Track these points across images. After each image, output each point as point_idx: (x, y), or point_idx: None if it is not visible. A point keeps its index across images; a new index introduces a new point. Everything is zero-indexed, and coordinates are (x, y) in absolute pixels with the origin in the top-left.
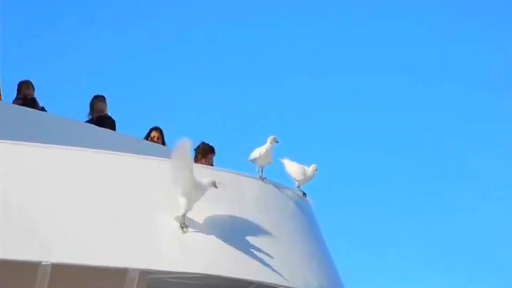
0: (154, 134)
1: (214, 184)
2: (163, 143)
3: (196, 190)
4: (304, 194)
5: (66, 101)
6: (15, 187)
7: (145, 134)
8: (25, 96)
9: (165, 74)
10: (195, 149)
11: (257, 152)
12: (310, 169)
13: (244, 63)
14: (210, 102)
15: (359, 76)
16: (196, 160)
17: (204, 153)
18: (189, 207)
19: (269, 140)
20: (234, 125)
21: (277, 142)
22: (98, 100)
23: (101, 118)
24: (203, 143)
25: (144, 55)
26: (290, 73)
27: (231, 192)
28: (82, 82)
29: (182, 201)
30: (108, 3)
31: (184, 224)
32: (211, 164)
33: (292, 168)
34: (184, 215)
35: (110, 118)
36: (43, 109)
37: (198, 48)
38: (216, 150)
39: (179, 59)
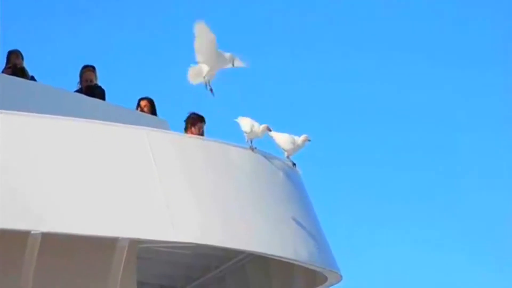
0: (143, 103)
1: (235, 62)
2: (154, 114)
3: (217, 58)
4: (294, 164)
5: (57, 71)
6: (3, 157)
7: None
8: (15, 65)
9: (159, 42)
10: (184, 120)
11: (248, 126)
12: (300, 139)
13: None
14: None
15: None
16: (186, 130)
17: (194, 122)
18: (211, 72)
19: (264, 126)
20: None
21: (270, 130)
22: (87, 70)
23: (90, 88)
24: (192, 113)
25: (138, 22)
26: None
27: (220, 161)
28: (73, 51)
29: (204, 66)
30: None
31: (210, 86)
32: (202, 133)
33: (281, 138)
34: (209, 81)
35: (99, 87)
36: (32, 78)
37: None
38: (206, 120)
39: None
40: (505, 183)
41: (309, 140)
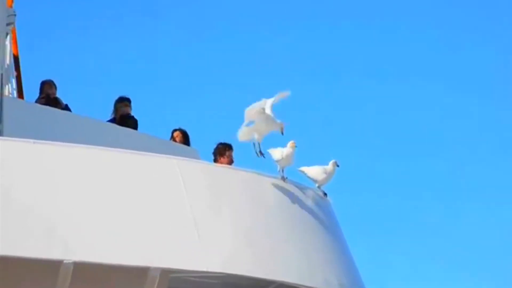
0: (176, 134)
1: (281, 129)
2: (187, 144)
3: (267, 124)
4: (325, 194)
5: (90, 101)
6: (37, 187)
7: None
8: (48, 95)
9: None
10: (213, 152)
11: (278, 154)
12: (329, 166)
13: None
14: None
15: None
16: (216, 161)
17: (221, 152)
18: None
19: (289, 144)
20: None
21: (296, 147)
22: (123, 104)
23: (123, 118)
24: (219, 143)
25: (167, 56)
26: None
27: (251, 190)
28: (105, 82)
29: (254, 133)
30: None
31: (260, 152)
32: (231, 161)
33: (313, 170)
34: (258, 144)
35: (132, 118)
36: (66, 106)
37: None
38: (233, 147)
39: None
40: None
41: (337, 166)
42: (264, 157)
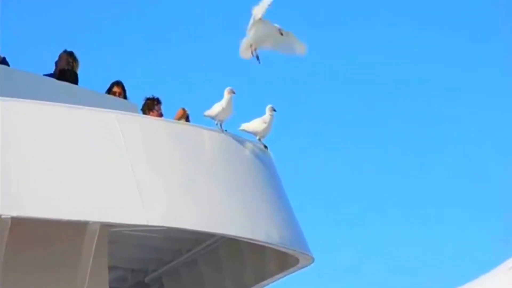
0: (115, 89)
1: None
2: (125, 98)
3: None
4: (266, 146)
5: (32, 56)
6: None
7: (106, 88)
8: None
9: (131, 27)
10: (141, 108)
11: (218, 107)
12: (266, 114)
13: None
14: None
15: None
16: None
17: (150, 106)
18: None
19: (226, 91)
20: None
21: (234, 93)
22: (64, 55)
23: (63, 72)
24: (146, 98)
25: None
26: None
27: (191, 144)
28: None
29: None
30: None
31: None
32: (161, 114)
33: (252, 124)
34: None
35: (72, 71)
36: (4, 60)
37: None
38: (162, 100)
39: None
40: None
41: (274, 110)
42: (259, 63)
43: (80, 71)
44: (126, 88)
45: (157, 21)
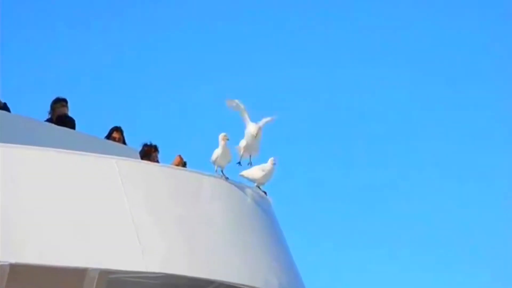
0: (115, 135)
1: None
2: (124, 143)
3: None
4: (265, 192)
5: (29, 100)
6: None
7: (106, 134)
8: None
9: (126, 74)
10: (139, 154)
11: (215, 154)
12: (268, 163)
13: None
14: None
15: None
16: None
17: (147, 153)
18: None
19: (220, 138)
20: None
21: (227, 139)
22: (60, 105)
23: (60, 118)
24: (144, 144)
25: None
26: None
27: (190, 190)
28: (46, 82)
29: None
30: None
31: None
32: (157, 162)
33: (251, 170)
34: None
35: (70, 118)
36: (5, 106)
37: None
38: (159, 148)
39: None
40: None
41: (274, 164)
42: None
43: (78, 117)
44: (124, 133)
45: (155, 66)
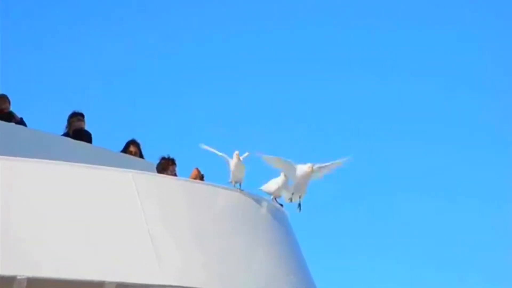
0: (132, 148)
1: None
2: (141, 157)
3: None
4: (281, 205)
5: (44, 114)
6: None
7: (122, 147)
8: (1, 110)
9: (142, 86)
10: (156, 167)
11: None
12: (281, 176)
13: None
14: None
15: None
16: None
17: (164, 166)
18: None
19: (234, 156)
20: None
21: (239, 158)
22: (76, 119)
23: (77, 132)
24: (161, 157)
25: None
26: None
27: (207, 203)
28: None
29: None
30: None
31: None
32: (175, 175)
33: (267, 184)
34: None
35: (86, 131)
36: (21, 120)
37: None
38: (176, 161)
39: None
40: None
41: (285, 176)
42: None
43: (94, 130)
44: (141, 146)
45: (172, 77)
